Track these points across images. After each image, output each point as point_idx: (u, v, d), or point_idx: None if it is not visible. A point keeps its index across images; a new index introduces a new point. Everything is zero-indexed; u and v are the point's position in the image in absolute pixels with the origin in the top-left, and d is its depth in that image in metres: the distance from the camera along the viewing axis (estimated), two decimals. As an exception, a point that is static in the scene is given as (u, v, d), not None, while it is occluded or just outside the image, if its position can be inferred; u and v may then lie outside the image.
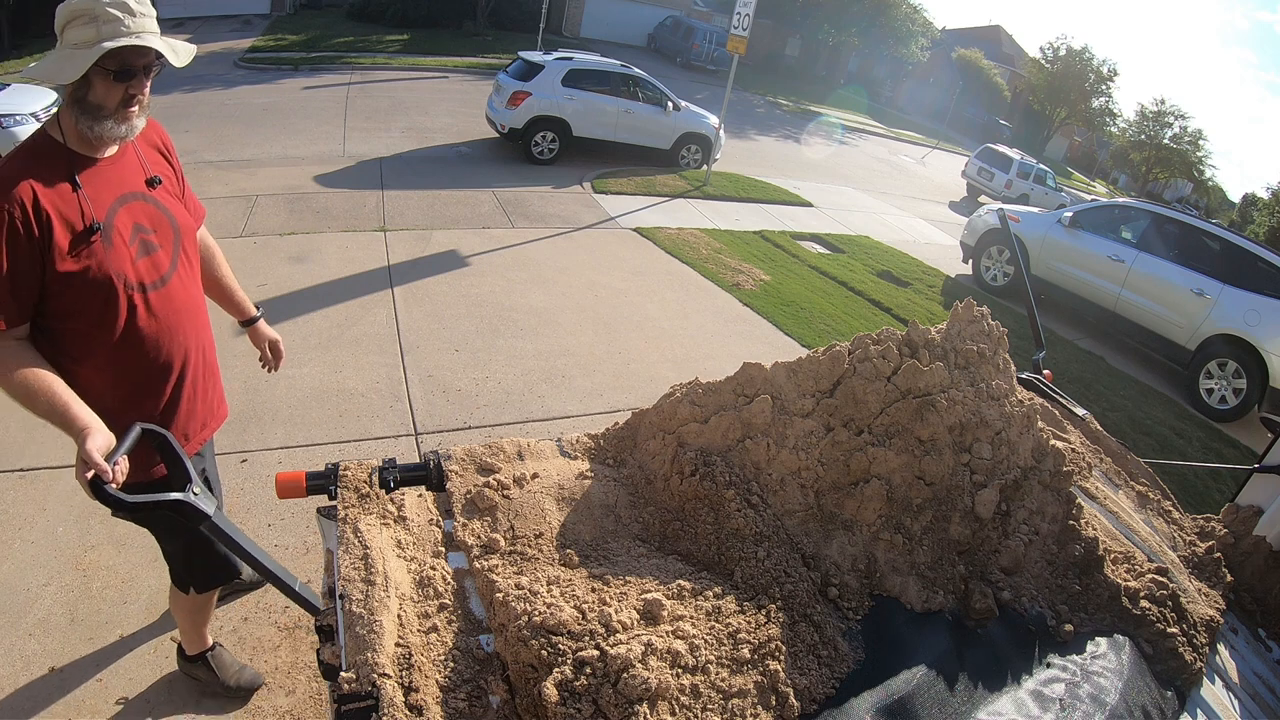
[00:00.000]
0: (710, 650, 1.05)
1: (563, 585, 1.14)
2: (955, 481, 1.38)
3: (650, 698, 0.94)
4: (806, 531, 1.33)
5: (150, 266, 1.58)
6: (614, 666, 0.96)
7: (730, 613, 1.13)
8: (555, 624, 1.02)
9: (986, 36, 41.22)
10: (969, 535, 1.36)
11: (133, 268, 1.53)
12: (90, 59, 1.37)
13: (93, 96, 1.43)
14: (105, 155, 1.52)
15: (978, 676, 1.19)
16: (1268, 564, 1.61)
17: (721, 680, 1.02)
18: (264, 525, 2.99)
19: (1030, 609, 1.33)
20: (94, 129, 1.45)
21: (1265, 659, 1.47)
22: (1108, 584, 1.39)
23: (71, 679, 2.26)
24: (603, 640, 1.01)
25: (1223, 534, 1.70)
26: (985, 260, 8.50)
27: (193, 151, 8.78)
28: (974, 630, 1.27)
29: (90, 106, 1.44)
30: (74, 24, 1.39)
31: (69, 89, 1.43)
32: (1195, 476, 4.61)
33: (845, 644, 1.18)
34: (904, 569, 1.31)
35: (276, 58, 15.15)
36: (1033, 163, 16.74)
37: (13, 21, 15.38)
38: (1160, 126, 37.38)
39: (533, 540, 1.26)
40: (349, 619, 1.03)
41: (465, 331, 4.89)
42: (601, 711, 0.93)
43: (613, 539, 1.31)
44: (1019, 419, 1.46)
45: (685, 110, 10.71)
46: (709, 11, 28.48)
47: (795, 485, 1.35)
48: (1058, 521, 1.45)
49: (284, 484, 1.29)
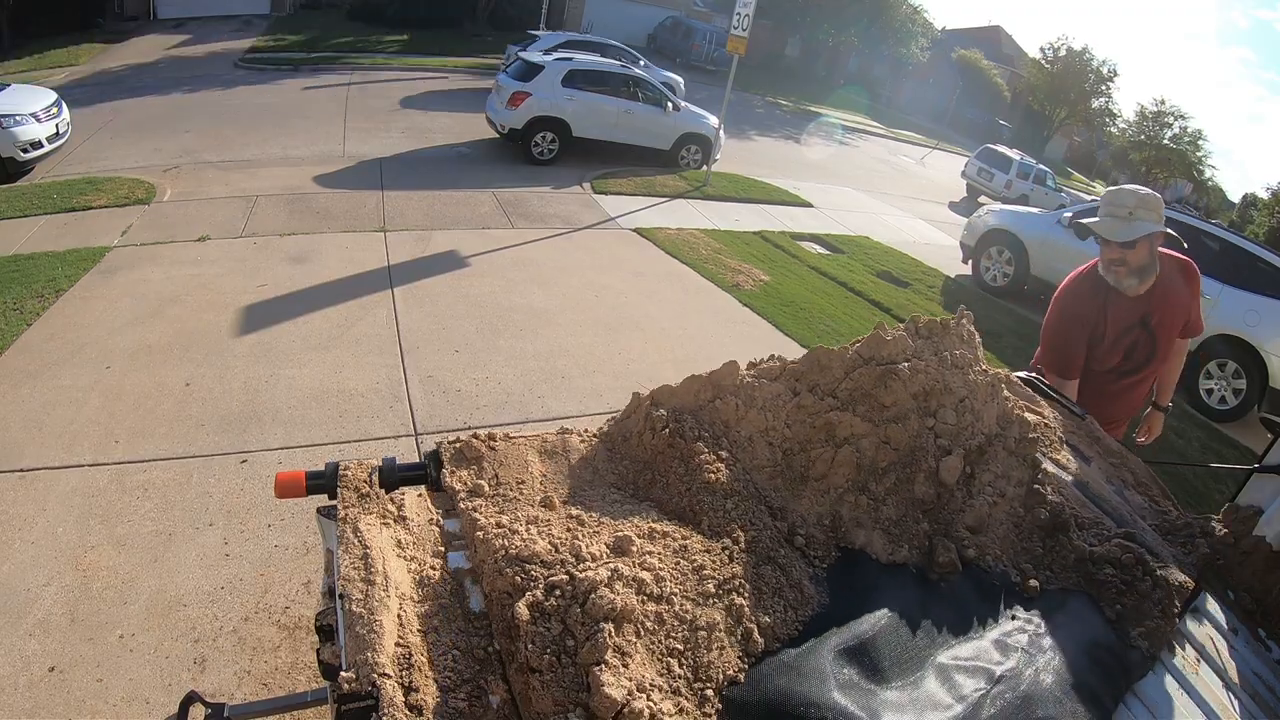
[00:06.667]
0: (676, 584, 1.11)
1: (540, 524, 1.21)
2: (920, 444, 1.42)
3: (615, 618, 0.99)
4: (775, 487, 1.38)
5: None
6: (582, 588, 1.01)
7: (697, 552, 1.19)
8: (529, 554, 1.09)
9: (986, 37, 41.19)
10: (933, 495, 1.41)
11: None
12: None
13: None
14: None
15: (941, 624, 1.22)
16: (1268, 564, 1.61)
17: (686, 611, 1.07)
18: (264, 526, 2.99)
19: (995, 567, 1.37)
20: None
21: (1265, 659, 1.47)
22: (1073, 546, 1.42)
23: (71, 679, 2.26)
24: (573, 568, 1.07)
25: (1223, 534, 1.70)
26: (985, 260, 8.49)
27: (193, 152, 8.79)
28: (938, 583, 1.31)
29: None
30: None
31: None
32: (1195, 476, 4.60)
33: (811, 587, 1.22)
34: (869, 525, 1.36)
35: (276, 58, 15.16)
36: (1032, 163, 16.73)
37: (13, 21, 15.37)
38: (1160, 126, 37.37)
39: (515, 486, 1.34)
40: (349, 619, 1.03)
41: (465, 332, 4.89)
42: (569, 630, 0.99)
43: (590, 488, 1.39)
44: (983, 387, 1.50)
45: (685, 110, 10.71)
46: (709, 11, 28.48)
47: (763, 443, 1.42)
48: (1023, 485, 1.49)
49: (284, 484, 1.29)
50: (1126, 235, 2.09)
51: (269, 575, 2.76)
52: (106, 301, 4.82)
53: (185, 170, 8.11)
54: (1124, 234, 2.09)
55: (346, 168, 8.67)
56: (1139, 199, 2.12)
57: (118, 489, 3.12)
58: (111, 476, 3.20)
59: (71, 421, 3.53)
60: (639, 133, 10.36)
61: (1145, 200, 2.11)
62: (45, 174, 7.83)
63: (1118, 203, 2.13)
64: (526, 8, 20.96)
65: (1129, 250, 2.13)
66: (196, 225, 6.37)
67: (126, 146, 8.90)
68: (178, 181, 7.66)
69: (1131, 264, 2.15)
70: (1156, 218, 2.11)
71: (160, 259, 5.62)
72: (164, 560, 2.77)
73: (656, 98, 10.36)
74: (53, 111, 7.96)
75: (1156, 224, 2.11)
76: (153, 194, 7.13)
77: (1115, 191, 2.19)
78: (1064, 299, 2.32)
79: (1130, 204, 2.11)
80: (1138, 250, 2.13)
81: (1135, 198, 2.12)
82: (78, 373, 3.96)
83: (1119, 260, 2.16)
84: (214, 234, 6.21)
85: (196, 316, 4.71)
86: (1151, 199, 2.12)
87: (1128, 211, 2.10)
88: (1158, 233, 2.12)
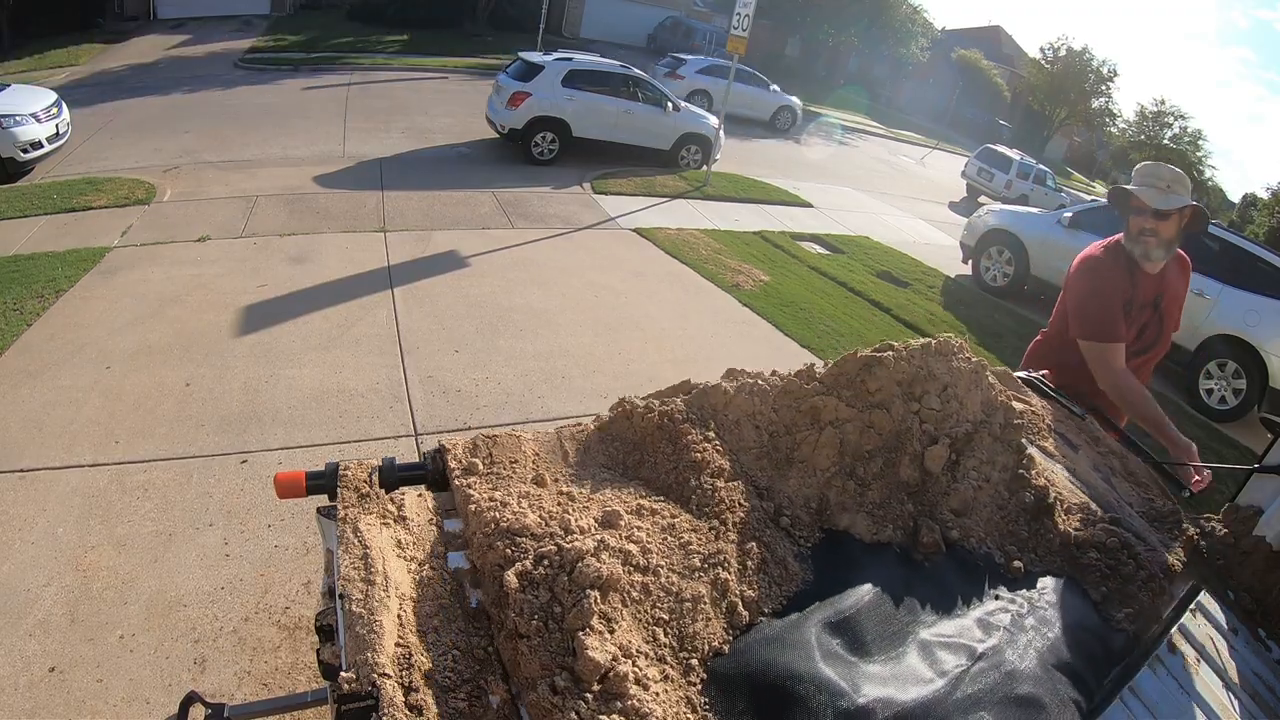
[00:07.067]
0: (662, 557, 1.14)
1: (532, 500, 1.24)
2: (905, 428, 1.45)
3: (601, 586, 1.02)
4: (761, 468, 1.42)
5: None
6: (569, 558, 1.04)
7: (684, 529, 1.22)
8: (520, 527, 1.13)
9: (986, 37, 41.17)
10: (918, 479, 1.43)
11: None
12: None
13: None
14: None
15: (924, 602, 1.24)
16: (1268, 564, 1.61)
17: (672, 583, 1.11)
18: (264, 526, 2.99)
19: (979, 548, 1.39)
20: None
21: (1265, 659, 1.47)
22: (1057, 530, 1.44)
23: (71, 679, 2.26)
24: (561, 539, 1.10)
25: (1223, 534, 1.70)
26: (985, 260, 8.49)
27: (193, 152, 8.79)
28: (922, 563, 1.33)
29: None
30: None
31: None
32: (1195, 476, 4.61)
33: (796, 565, 1.25)
34: (853, 508, 1.39)
35: (276, 58, 15.16)
36: (1032, 163, 16.72)
37: (13, 21, 15.37)
38: (1160, 126, 37.38)
39: (508, 465, 1.38)
40: (349, 619, 1.03)
41: (465, 332, 4.89)
42: (557, 598, 1.01)
43: (581, 468, 1.43)
44: (966, 373, 1.53)
45: (685, 111, 10.71)
46: (709, 11, 28.46)
47: (750, 426, 1.46)
48: (1008, 470, 1.51)
49: (284, 484, 1.29)
50: (1165, 204, 2.14)
51: (269, 575, 2.76)
52: (106, 302, 4.82)
53: (185, 170, 8.11)
54: (1163, 203, 2.14)
55: (346, 168, 8.67)
56: (1175, 175, 2.18)
57: (118, 489, 3.12)
58: (111, 477, 3.20)
59: (71, 422, 3.54)
60: (639, 133, 10.35)
61: (1180, 177, 2.18)
62: (45, 174, 7.83)
63: (1156, 175, 2.19)
64: (526, 8, 20.94)
65: (1162, 221, 2.18)
66: (196, 225, 6.37)
67: (126, 147, 8.91)
68: (178, 182, 7.66)
69: (1162, 235, 2.19)
70: (1189, 195, 2.18)
71: (160, 259, 5.62)
72: (164, 560, 2.77)
73: (656, 98, 10.36)
74: (53, 112, 7.96)
75: (1189, 200, 2.17)
76: (153, 194, 7.13)
77: (1152, 164, 2.24)
78: (1093, 268, 2.31)
79: (1167, 178, 2.17)
80: (1170, 222, 2.18)
81: (1172, 173, 2.19)
82: (78, 373, 3.96)
83: (1151, 230, 2.19)
84: (214, 234, 6.21)
85: (196, 317, 4.71)
86: (1185, 178, 2.20)
87: (1165, 184, 2.16)
88: (1189, 208, 2.18)
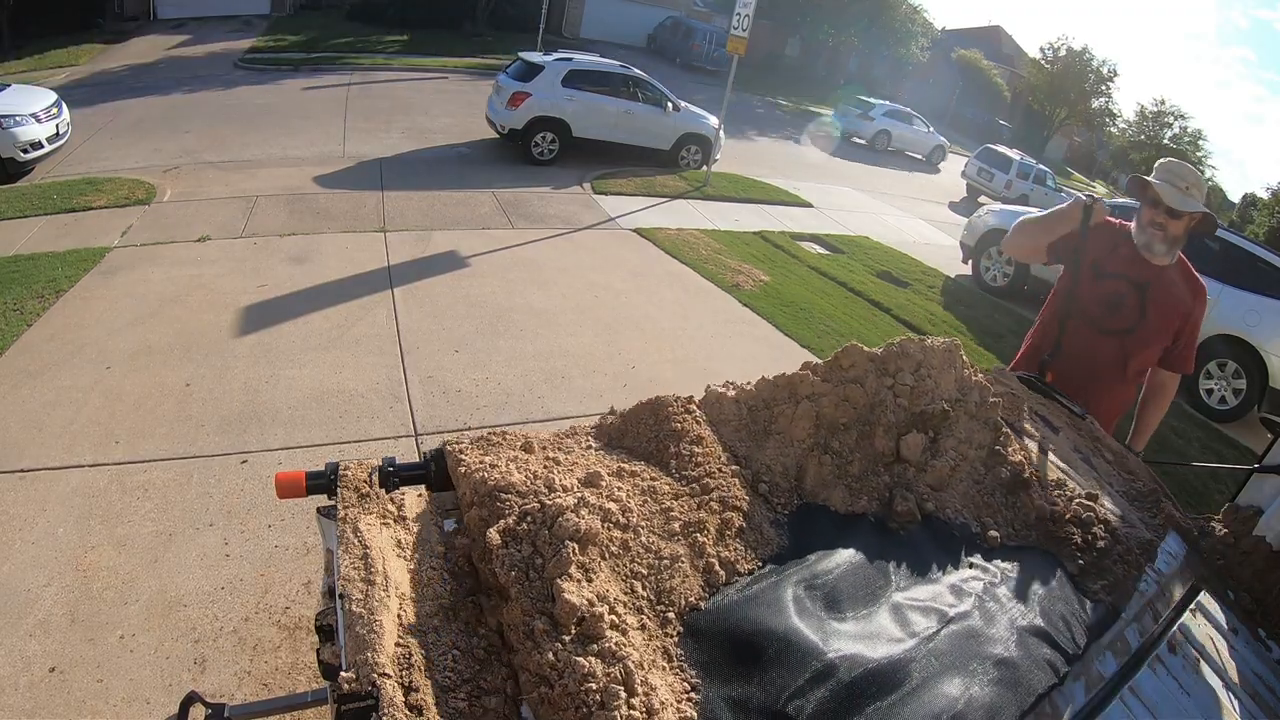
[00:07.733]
0: (642, 518, 1.20)
1: (520, 462, 1.30)
2: (879, 399, 1.49)
3: (580, 539, 1.07)
4: (740, 439, 1.48)
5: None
6: (550, 513, 1.10)
7: (664, 492, 1.28)
8: (506, 485, 1.19)
9: (986, 37, 41.16)
10: (893, 449, 1.47)
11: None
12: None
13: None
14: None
15: (899, 569, 1.28)
16: (1268, 564, 1.61)
17: (651, 542, 1.16)
18: (264, 526, 2.99)
19: (955, 519, 1.41)
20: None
21: (1265, 659, 1.47)
22: (1033, 505, 1.46)
23: (72, 679, 2.26)
24: (545, 497, 1.15)
25: (1223, 534, 1.70)
26: (985, 260, 8.49)
27: (193, 152, 8.79)
28: (897, 532, 1.36)
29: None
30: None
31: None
32: (1195, 476, 4.60)
33: (772, 531, 1.29)
34: (831, 481, 1.43)
35: (276, 58, 15.16)
36: (1032, 163, 16.71)
37: (13, 22, 15.37)
38: (1160, 126, 37.35)
39: (499, 434, 1.44)
40: (349, 619, 1.03)
41: (465, 332, 4.89)
42: (538, 551, 1.07)
43: (568, 436, 1.52)
44: (939, 352, 1.57)
45: (685, 111, 10.70)
46: (709, 12, 28.46)
47: (730, 400, 1.53)
48: (984, 448, 1.54)
49: (284, 484, 1.29)
50: (1180, 205, 2.17)
51: (269, 575, 2.76)
52: (107, 302, 4.82)
53: (185, 170, 8.11)
54: (1179, 203, 2.17)
55: (346, 168, 8.67)
56: (1195, 179, 2.21)
57: (118, 489, 3.12)
58: (112, 477, 3.20)
59: (72, 422, 3.54)
60: (639, 133, 10.35)
61: (1199, 182, 2.21)
62: (45, 174, 7.83)
63: (1178, 174, 2.21)
64: (526, 8, 20.93)
65: (1173, 220, 2.20)
66: (196, 225, 6.37)
67: (126, 147, 8.91)
68: (178, 182, 7.66)
69: (1170, 231, 2.21)
70: (1203, 202, 2.21)
71: (160, 259, 5.62)
72: (164, 561, 2.77)
73: (656, 98, 10.36)
74: (53, 112, 7.97)
75: (1203, 206, 2.20)
76: (153, 194, 7.13)
77: (1176, 163, 2.25)
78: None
79: (1189, 179, 2.19)
80: (1180, 222, 2.20)
81: (1193, 176, 2.21)
82: (78, 373, 3.96)
83: (1160, 225, 2.21)
84: (214, 234, 6.21)
85: (196, 317, 4.71)
86: (1203, 185, 2.23)
87: (1185, 185, 2.19)
88: (1199, 214, 2.20)
